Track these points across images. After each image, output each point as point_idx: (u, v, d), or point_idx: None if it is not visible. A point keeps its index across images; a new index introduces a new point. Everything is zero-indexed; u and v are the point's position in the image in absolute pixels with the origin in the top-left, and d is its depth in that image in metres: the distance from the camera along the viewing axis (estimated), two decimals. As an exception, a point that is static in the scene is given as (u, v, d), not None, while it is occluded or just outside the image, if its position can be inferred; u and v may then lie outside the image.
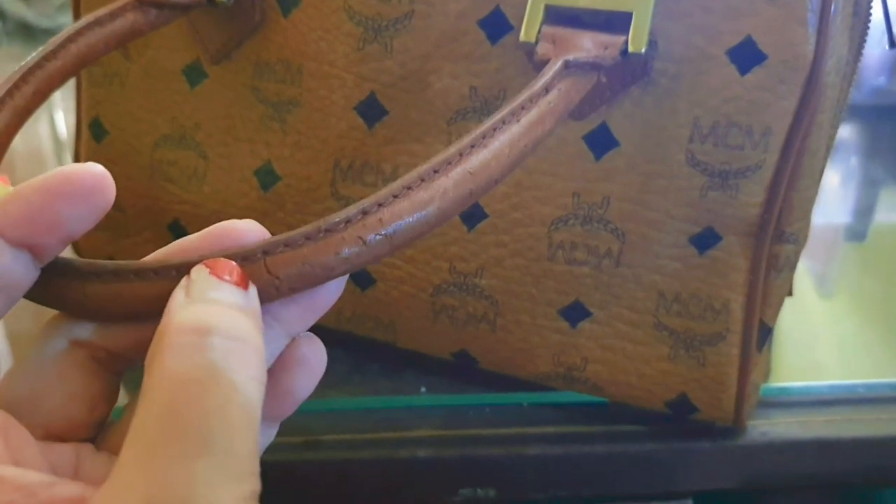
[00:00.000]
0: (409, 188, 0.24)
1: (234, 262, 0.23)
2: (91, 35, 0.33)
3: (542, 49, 0.32)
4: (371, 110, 0.37)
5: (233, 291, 0.22)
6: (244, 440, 0.20)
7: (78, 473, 0.24)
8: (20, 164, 0.61)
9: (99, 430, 0.25)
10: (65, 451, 0.24)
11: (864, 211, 0.61)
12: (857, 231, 0.59)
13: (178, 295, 0.22)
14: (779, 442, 0.38)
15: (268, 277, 0.23)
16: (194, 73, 0.40)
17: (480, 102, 0.35)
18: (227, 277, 0.22)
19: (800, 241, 0.35)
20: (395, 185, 0.24)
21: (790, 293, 0.41)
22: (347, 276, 0.24)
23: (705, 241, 0.34)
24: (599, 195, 0.35)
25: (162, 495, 0.19)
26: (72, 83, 0.42)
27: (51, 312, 0.25)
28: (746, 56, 0.32)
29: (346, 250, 0.23)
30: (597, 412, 0.39)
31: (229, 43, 0.39)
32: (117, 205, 0.43)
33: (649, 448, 0.38)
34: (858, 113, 0.69)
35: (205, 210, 0.41)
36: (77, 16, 0.42)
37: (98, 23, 0.34)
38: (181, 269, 0.23)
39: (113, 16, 0.34)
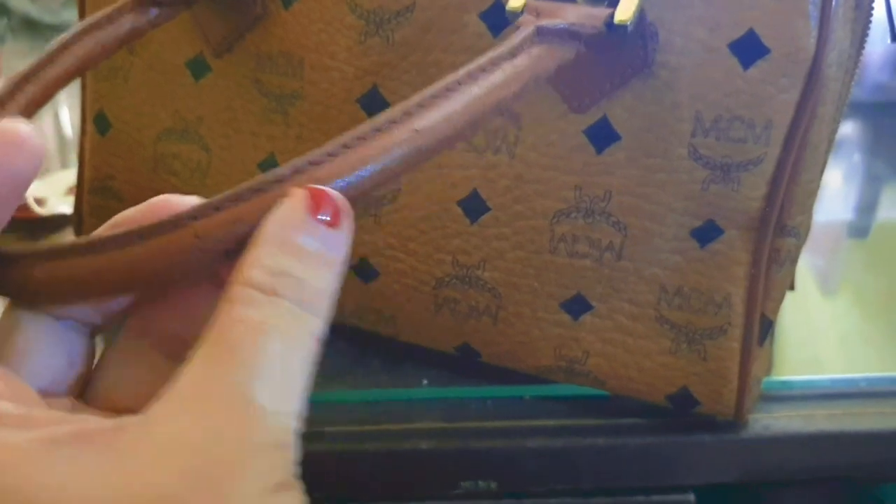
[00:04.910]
0: (346, 146, 0.24)
1: (334, 195, 0.23)
2: (89, 40, 0.33)
3: (522, 20, 0.31)
4: (373, 103, 0.37)
5: (320, 238, 0.22)
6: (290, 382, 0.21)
7: None
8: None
9: (82, 387, 0.26)
10: (63, 403, 0.25)
11: (867, 207, 0.61)
12: (860, 227, 0.58)
13: (273, 217, 0.22)
14: (781, 435, 0.38)
15: (196, 241, 0.22)
16: (198, 67, 0.40)
17: None
18: (321, 216, 0.22)
19: (801, 234, 0.35)
20: (331, 144, 0.24)
21: (792, 287, 0.41)
22: None
23: (706, 234, 0.34)
24: (601, 188, 0.35)
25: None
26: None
27: None
28: (749, 50, 0.32)
29: None
30: (598, 405, 0.39)
31: (231, 35, 0.39)
32: (121, 197, 0.44)
33: (650, 441, 0.38)
34: (861, 109, 0.69)
35: (207, 203, 0.41)
36: (82, 13, 0.42)
37: (97, 26, 0.33)
38: (117, 242, 0.23)
39: (111, 19, 0.33)
